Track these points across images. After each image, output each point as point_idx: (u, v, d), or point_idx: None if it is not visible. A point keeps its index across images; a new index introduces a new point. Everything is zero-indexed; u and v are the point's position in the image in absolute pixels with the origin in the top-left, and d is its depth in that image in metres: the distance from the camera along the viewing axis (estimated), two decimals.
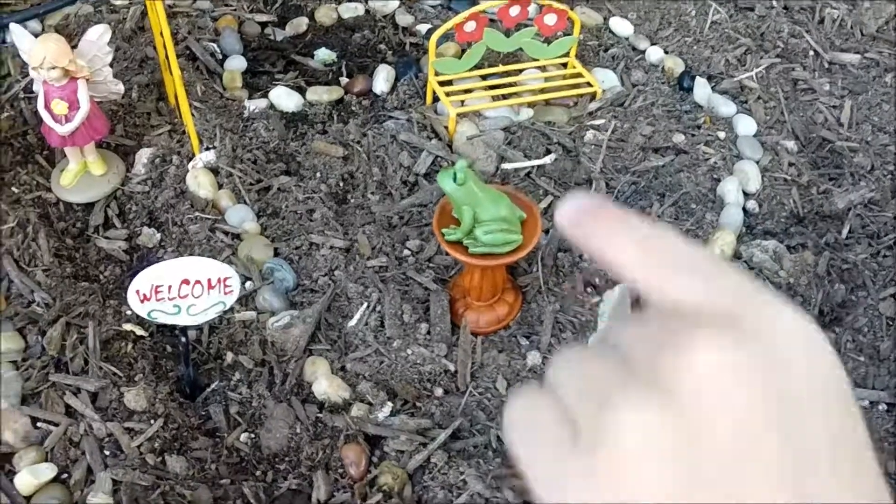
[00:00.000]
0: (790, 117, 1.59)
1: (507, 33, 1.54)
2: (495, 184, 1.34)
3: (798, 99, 1.63)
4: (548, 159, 1.44)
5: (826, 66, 1.72)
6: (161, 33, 1.31)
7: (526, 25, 1.56)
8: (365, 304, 1.21)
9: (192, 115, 1.46)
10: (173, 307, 1.08)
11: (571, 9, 1.69)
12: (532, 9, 1.55)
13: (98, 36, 1.32)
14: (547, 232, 1.30)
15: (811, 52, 1.73)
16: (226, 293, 1.10)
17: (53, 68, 1.26)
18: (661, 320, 0.35)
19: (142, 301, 1.06)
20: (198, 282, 1.08)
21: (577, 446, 0.33)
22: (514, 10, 1.51)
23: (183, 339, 1.12)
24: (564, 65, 1.63)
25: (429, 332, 1.19)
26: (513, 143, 1.47)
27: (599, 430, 0.33)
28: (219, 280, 1.09)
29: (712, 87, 1.61)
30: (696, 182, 1.42)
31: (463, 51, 1.64)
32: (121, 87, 1.39)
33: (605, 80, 1.60)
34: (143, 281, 1.06)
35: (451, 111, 1.47)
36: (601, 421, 0.33)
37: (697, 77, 1.62)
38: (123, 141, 1.46)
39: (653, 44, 1.71)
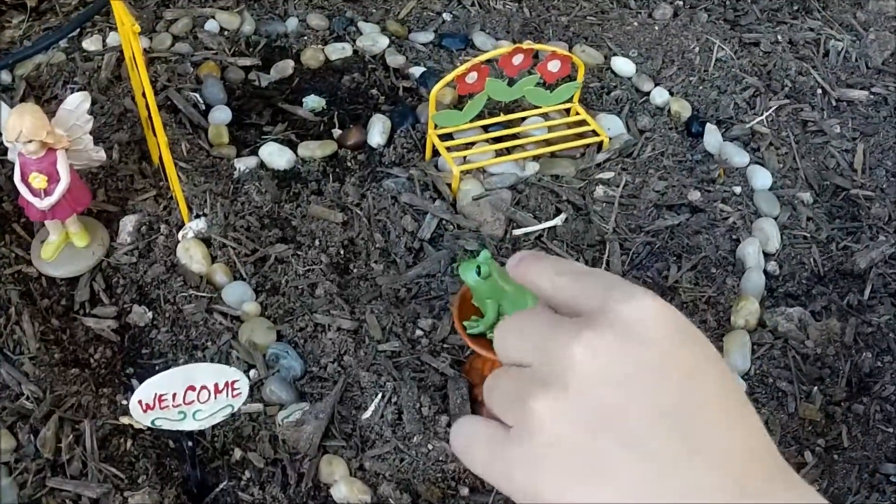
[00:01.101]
0: (802, 163, 1.53)
1: (510, 82, 1.46)
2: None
3: (809, 142, 1.57)
4: (559, 220, 1.37)
5: (834, 104, 1.66)
6: (144, 94, 1.21)
7: (528, 72, 1.48)
8: (379, 395, 1.14)
9: (179, 178, 1.37)
10: (178, 413, 1.00)
11: (570, 48, 1.62)
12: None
13: (77, 104, 1.23)
14: None
15: (819, 91, 1.67)
16: (233, 396, 1.02)
17: (30, 142, 1.16)
18: (545, 326, 0.46)
19: (145, 410, 0.98)
20: (204, 387, 1.01)
21: (510, 441, 0.45)
22: (518, 59, 1.43)
23: (189, 443, 1.04)
24: (567, 111, 1.56)
25: (449, 425, 1.12)
26: (521, 202, 1.40)
27: (524, 424, 0.44)
28: (226, 384, 1.01)
29: (723, 134, 1.54)
30: (714, 244, 1.36)
31: (461, 97, 1.56)
32: (102, 154, 1.29)
33: (610, 126, 1.53)
34: (146, 391, 0.98)
35: (453, 169, 1.39)
36: (522, 416, 0.44)
37: (707, 124, 1.55)
38: (106, 207, 1.37)
39: (657, 84, 1.64)
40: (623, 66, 1.66)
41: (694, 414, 0.42)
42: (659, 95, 1.61)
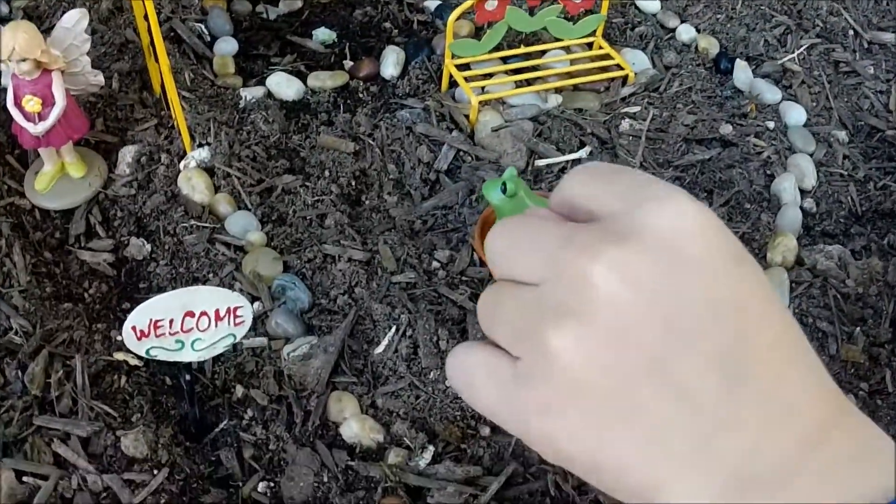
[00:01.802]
0: (836, 103, 1.45)
1: (531, 11, 1.38)
2: (538, 190, 1.19)
3: (842, 83, 1.50)
4: (583, 153, 1.29)
5: (866, 45, 1.58)
6: (145, 16, 1.13)
7: (549, 3, 1.40)
8: (394, 328, 1.06)
9: (182, 107, 1.29)
10: (175, 343, 0.93)
11: None
12: None
13: (74, 22, 1.15)
14: None
15: (851, 32, 1.59)
16: (236, 324, 0.95)
17: (24, 60, 1.09)
18: (553, 234, 0.39)
19: (139, 338, 0.90)
20: (204, 313, 0.93)
21: (522, 380, 0.37)
22: None
23: (187, 377, 0.97)
24: (590, 45, 1.48)
25: None
26: (543, 134, 1.32)
27: (538, 362, 0.36)
28: (228, 311, 0.94)
29: (753, 71, 1.47)
30: (748, 179, 1.28)
31: (478, 30, 1.49)
32: (101, 79, 1.22)
33: (635, 61, 1.46)
34: (140, 316, 0.90)
35: (472, 99, 1.32)
36: (535, 352, 0.36)
37: (737, 60, 1.47)
38: (104, 137, 1.29)
39: (683, 21, 1.56)
40: (648, 2, 1.58)
41: (753, 357, 0.35)
42: (685, 32, 1.53)
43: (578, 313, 0.35)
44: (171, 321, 0.91)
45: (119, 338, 1.08)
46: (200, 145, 1.27)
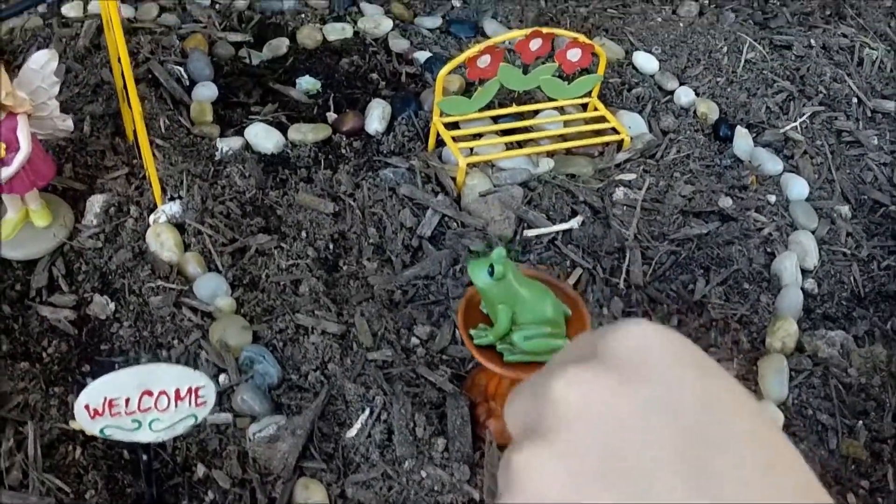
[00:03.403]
0: (838, 175, 1.39)
1: (525, 69, 1.32)
2: (526, 263, 1.12)
3: (844, 153, 1.44)
4: (574, 223, 1.23)
5: (869, 114, 1.53)
6: (119, 59, 1.07)
7: (545, 61, 1.34)
8: (367, 411, 0.99)
9: (155, 157, 1.22)
10: (132, 422, 0.85)
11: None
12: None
13: (43, 63, 1.08)
14: None
15: (854, 100, 1.54)
16: (198, 405, 0.87)
17: None
18: (538, 374, 0.40)
19: (92, 417, 0.83)
20: (163, 392, 0.86)
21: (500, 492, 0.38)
22: (535, 44, 1.30)
23: (144, 456, 0.89)
24: (584, 106, 1.42)
25: (447, 449, 0.97)
26: (533, 201, 1.26)
27: (505, 480, 0.37)
28: (189, 390, 0.87)
29: (754, 139, 1.41)
30: (748, 257, 1.22)
31: (469, 84, 1.43)
32: (69, 124, 1.15)
33: (631, 125, 1.40)
34: (94, 393, 0.83)
35: (460, 161, 1.25)
36: (504, 472, 0.38)
37: (738, 127, 1.41)
38: (72, 184, 1.22)
39: (681, 83, 1.51)
40: (645, 62, 1.53)
41: (714, 456, 0.33)
42: (684, 95, 1.48)
43: (538, 429, 0.37)
44: (127, 400, 0.84)
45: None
46: (172, 199, 1.20)
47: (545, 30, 1.28)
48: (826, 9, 1.73)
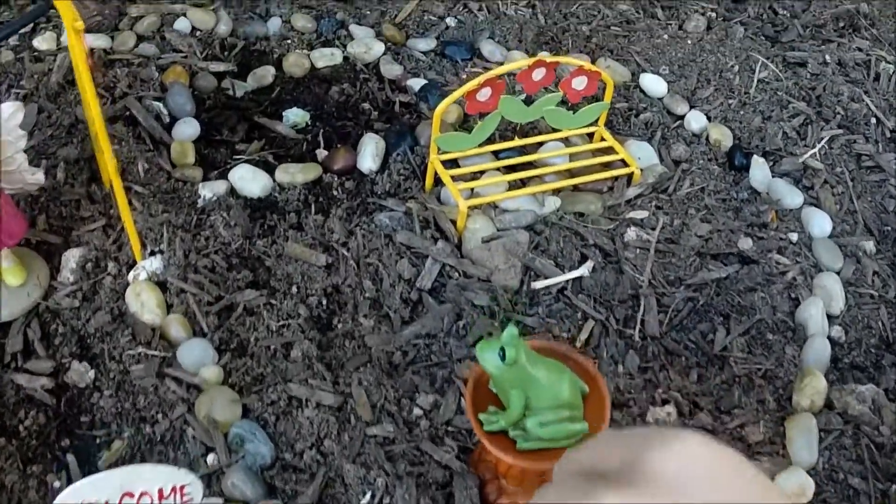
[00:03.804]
0: (860, 204, 1.31)
1: (527, 100, 1.24)
2: (541, 337, 1.04)
3: (865, 179, 1.36)
4: (585, 270, 1.15)
5: (888, 134, 1.45)
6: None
7: (548, 90, 1.26)
8: (368, 495, 0.91)
9: (133, 207, 1.14)
10: None
11: (593, 62, 1.41)
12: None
13: (8, 115, 1.00)
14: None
15: (873, 120, 1.45)
16: (183, 502, 0.80)
17: None
18: (571, 491, 0.37)
19: None
20: (145, 493, 0.79)
21: None
22: (539, 74, 1.21)
23: None
24: (590, 135, 1.34)
25: None
26: (539, 245, 1.18)
27: None
28: (174, 489, 0.80)
29: (771, 168, 1.33)
30: (771, 304, 1.14)
31: (466, 116, 1.34)
32: (40, 177, 1.07)
33: (641, 155, 1.32)
34: (71, 498, 0.76)
35: (460, 203, 1.17)
36: None
37: (754, 156, 1.33)
38: (47, 237, 1.15)
39: (692, 107, 1.43)
40: (653, 84, 1.44)
41: None
42: (695, 120, 1.39)
43: None
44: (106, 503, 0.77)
45: (56, 483, 0.93)
46: (153, 253, 1.12)
47: (549, 58, 1.20)
48: (839, 20, 1.65)
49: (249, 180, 1.23)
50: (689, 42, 1.54)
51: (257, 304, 1.09)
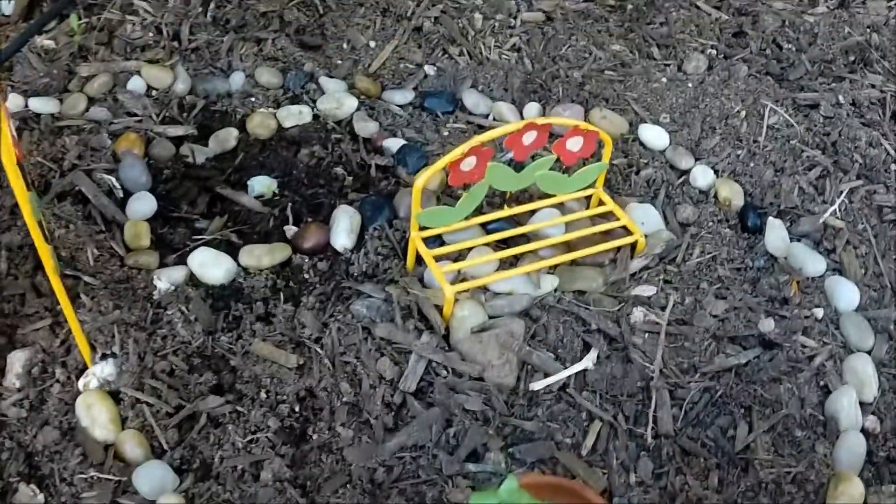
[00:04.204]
0: (885, 265, 1.20)
1: (517, 167, 1.12)
2: (545, 473, 0.92)
3: (888, 235, 1.24)
4: (588, 362, 1.03)
5: None
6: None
7: (539, 154, 1.14)
8: None
9: (80, 303, 1.02)
10: None
11: (586, 112, 1.29)
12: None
13: None
14: None
15: (893, 166, 1.34)
16: None
17: None
18: None
19: None
20: None
21: None
22: (529, 137, 1.09)
23: None
24: (588, 197, 1.21)
25: None
26: (537, 335, 1.05)
27: None
28: None
29: (788, 228, 1.21)
30: (799, 396, 1.02)
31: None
32: None
33: (644, 219, 1.20)
34: None
35: (445, 290, 1.04)
36: None
37: (769, 217, 1.21)
38: None
39: (697, 159, 1.30)
40: (653, 135, 1.32)
41: None
42: (702, 175, 1.27)
43: None
44: None
45: None
46: (104, 356, 1.00)
47: (540, 120, 1.08)
48: (848, 54, 1.53)
49: (211, 265, 1.10)
50: (690, 85, 1.42)
51: (222, 413, 0.97)
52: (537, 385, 1.00)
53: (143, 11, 1.44)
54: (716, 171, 1.29)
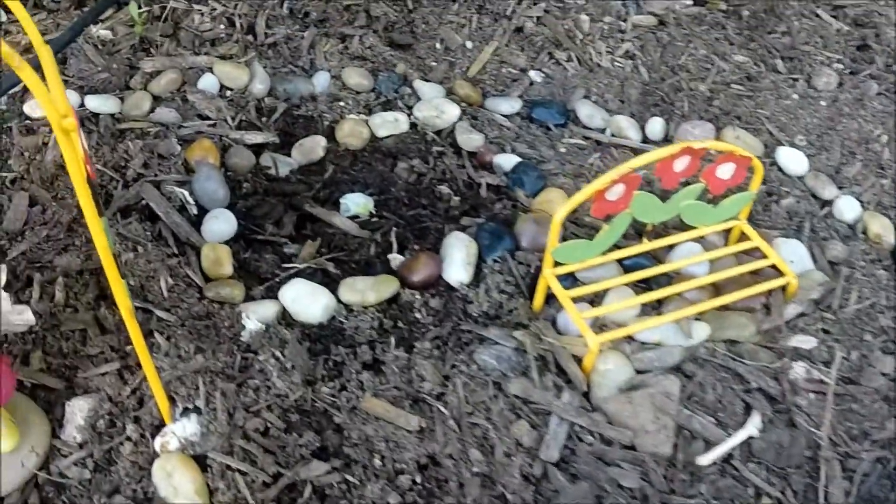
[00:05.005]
0: None
1: (662, 196, 0.97)
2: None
3: None
4: (753, 428, 0.88)
5: None
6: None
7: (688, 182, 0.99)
8: None
9: (155, 345, 0.87)
10: None
11: (718, 132, 1.14)
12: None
13: None
14: None
15: None
16: None
17: None
18: None
19: None
20: None
21: None
22: (681, 163, 0.94)
23: None
24: (727, 230, 1.07)
25: None
26: (693, 395, 0.91)
27: None
28: None
29: None
30: None
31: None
32: (28, 317, 0.81)
33: (793, 257, 1.05)
34: None
35: (590, 342, 0.89)
36: None
37: None
38: (44, 379, 0.88)
39: (839, 188, 1.15)
40: (791, 160, 1.18)
41: None
42: (847, 208, 1.13)
43: None
44: None
45: None
46: (185, 411, 0.85)
47: (697, 144, 0.92)
48: None
49: (306, 300, 0.95)
50: (823, 103, 1.27)
51: (329, 484, 0.82)
52: (704, 460, 0.85)
53: (212, 1, 1.28)
54: (861, 202, 1.14)
